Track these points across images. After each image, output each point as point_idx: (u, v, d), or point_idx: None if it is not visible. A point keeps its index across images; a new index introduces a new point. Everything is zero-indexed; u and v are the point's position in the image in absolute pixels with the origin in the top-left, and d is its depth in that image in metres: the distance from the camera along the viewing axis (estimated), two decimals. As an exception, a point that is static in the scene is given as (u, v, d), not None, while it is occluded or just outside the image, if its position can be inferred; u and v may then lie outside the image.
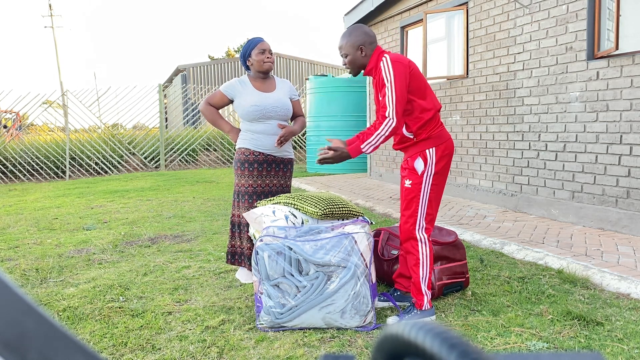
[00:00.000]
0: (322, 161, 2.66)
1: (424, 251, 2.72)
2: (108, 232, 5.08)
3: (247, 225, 3.28)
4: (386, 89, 2.58)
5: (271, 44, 3.30)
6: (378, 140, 2.59)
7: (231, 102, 3.32)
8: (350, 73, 2.81)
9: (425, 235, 2.74)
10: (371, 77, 2.85)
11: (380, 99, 2.66)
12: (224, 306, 2.98)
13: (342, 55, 2.77)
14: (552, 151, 5.10)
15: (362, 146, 2.60)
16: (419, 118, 2.67)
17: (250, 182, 3.23)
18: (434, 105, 2.72)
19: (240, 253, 3.32)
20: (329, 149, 2.64)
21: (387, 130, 2.57)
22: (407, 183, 2.73)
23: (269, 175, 3.26)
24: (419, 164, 2.69)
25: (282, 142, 3.16)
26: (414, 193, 2.71)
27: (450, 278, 3.08)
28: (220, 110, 3.41)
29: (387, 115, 2.57)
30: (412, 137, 2.70)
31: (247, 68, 3.32)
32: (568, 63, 4.87)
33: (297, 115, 3.43)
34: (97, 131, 12.20)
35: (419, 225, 2.73)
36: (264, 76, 3.30)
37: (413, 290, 2.75)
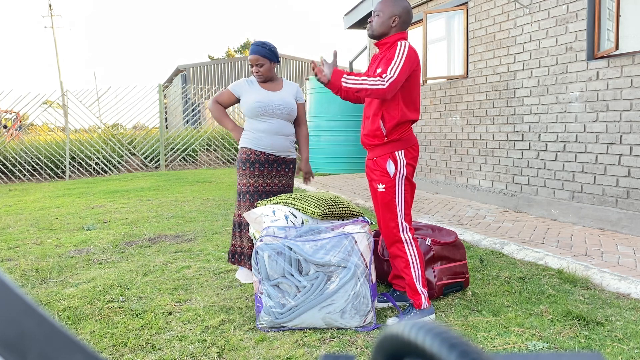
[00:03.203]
0: (315, 73, 2.66)
1: (411, 252, 2.72)
2: (108, 232, 5.08)
3: (245, 224, 3.30)
4: (393, 61, 2.56)
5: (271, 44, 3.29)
6: (360, 84, 2.54)
7: (238, 100, 3.35)
8: (368, 31, 2.79)
9: (410, 235, 2.74)
10: (375, 53, 2.84)
11: (379, 72, 2.65)
12: (224, 306, 2.98)
13: (374, 12, 2.75)
14: (552, 151, 5.10)
15: (344, 75, 2.58)
16: (400, 114, 2.65)
17: (252, 181, 3.24)
18: (417, 113, 2.74)
19: (240, 253, 3.33)
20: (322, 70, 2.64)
21: (373, 84, 2.52)
22: (381, 187, 2.71)
23: (270, 175, 3.26)
24: (390, 167, 2.68)
25: (307, 178, 3.50)
26: (390, 196, 2.70)
27: (450, 278, 3.08)
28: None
29: (382, 76, 2.53)
30: (384, 133, 2.68)
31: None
32: (568, 63, 4.87)
33: (299, 120, 3.44)
34: (97, 131, 12.20)
35: (402, 227, 2.72)
36: (266, 81, 3.34)
37: (409, 291, 2.75)
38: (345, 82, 2.57)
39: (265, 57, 3.24)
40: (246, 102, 3.24)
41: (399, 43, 2.63)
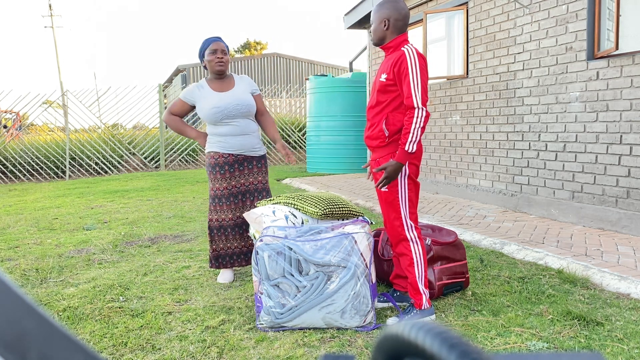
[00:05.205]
0: (383, 184, 2.65)
1: (416, 250, 2.72)
2: (108, 232, 5.08)
3: (230, 226, 3.35)
4: (410, 78, 2.56)
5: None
6: (417, 134, 2.56)
7: (193, 108, 3.31)
8: (372, 40, 2.84)
9: (416, 234, 2.74)
10: (382, 57, 2.88)
11: (384, 79, 2.66)
12: (224, 306, 2.98)
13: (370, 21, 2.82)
14: (552, 151, 5.10)
15: (406, 148, 2.56)
16: (403, 119, 2.66)
17: (224, 184, 3.26)
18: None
19: (224, 255, 3.37)
20: (380, 170, 2.64)
21: (421, 121, 2.55)
22: (384, 187, 2.72)
23: (242, 175, 3.28)
24: None
25: (288, 155, 3.24)
26: (393, 196, 2.70)
27: (450, 278, 3.07)
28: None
29: (414, 106, 2.56)
30: (386, 135, 2.68)
31: (206, 68, 3.32)
32: (568, 63, 4.87)
33: (260, 112, 3.38)
34: (97, 131, 12.20)
35: (407, 226, 2.72)
36: (219, 76, 3.28)
37: (411, 290, 2.75)
38: (412, 148, 2.56)
39: (227, 48, 3.25)
40: (202, 110, 3.20)
41: (405, 52, 2.62)
